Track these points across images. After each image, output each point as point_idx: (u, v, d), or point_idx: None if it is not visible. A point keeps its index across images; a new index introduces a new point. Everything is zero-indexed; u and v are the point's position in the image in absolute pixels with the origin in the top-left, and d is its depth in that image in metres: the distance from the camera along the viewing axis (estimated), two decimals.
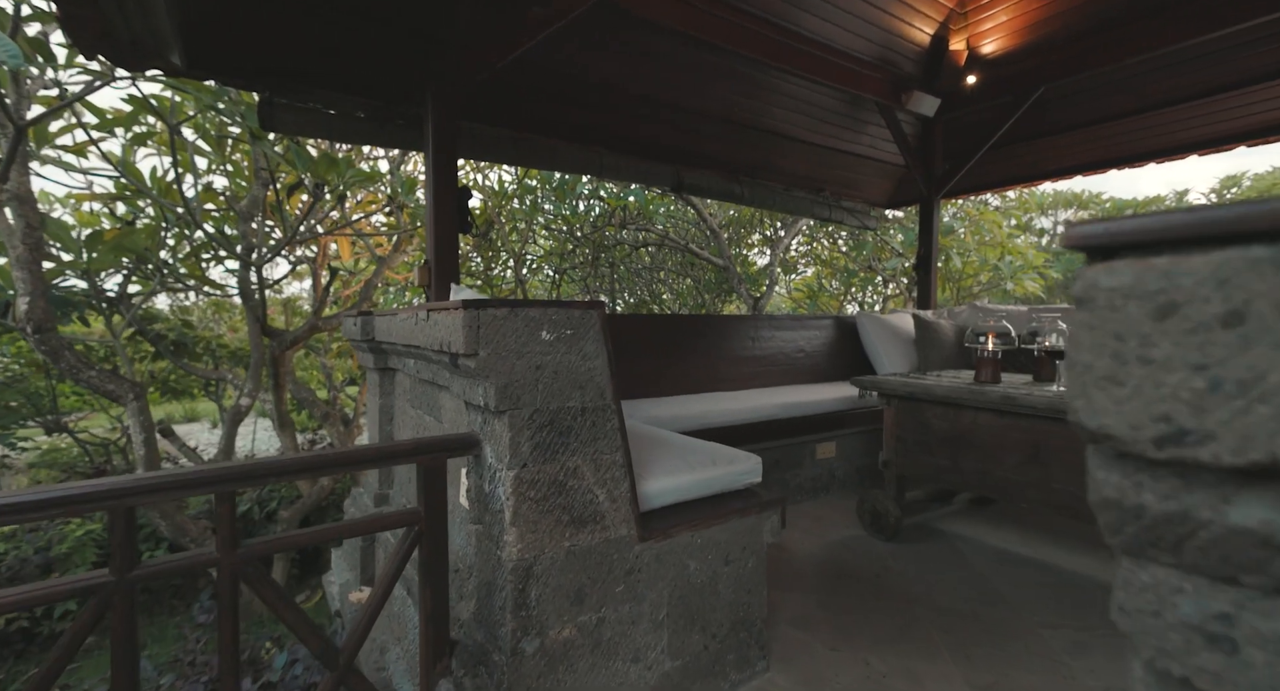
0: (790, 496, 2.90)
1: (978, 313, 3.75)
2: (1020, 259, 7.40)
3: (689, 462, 1.50)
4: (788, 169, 4.46)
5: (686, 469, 1.47)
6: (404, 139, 2.69)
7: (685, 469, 1.47)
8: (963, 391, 2.11)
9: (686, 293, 7.74)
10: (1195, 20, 3.11)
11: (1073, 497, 1.88)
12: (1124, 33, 3.38)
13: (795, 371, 3.65)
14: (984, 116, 4.16)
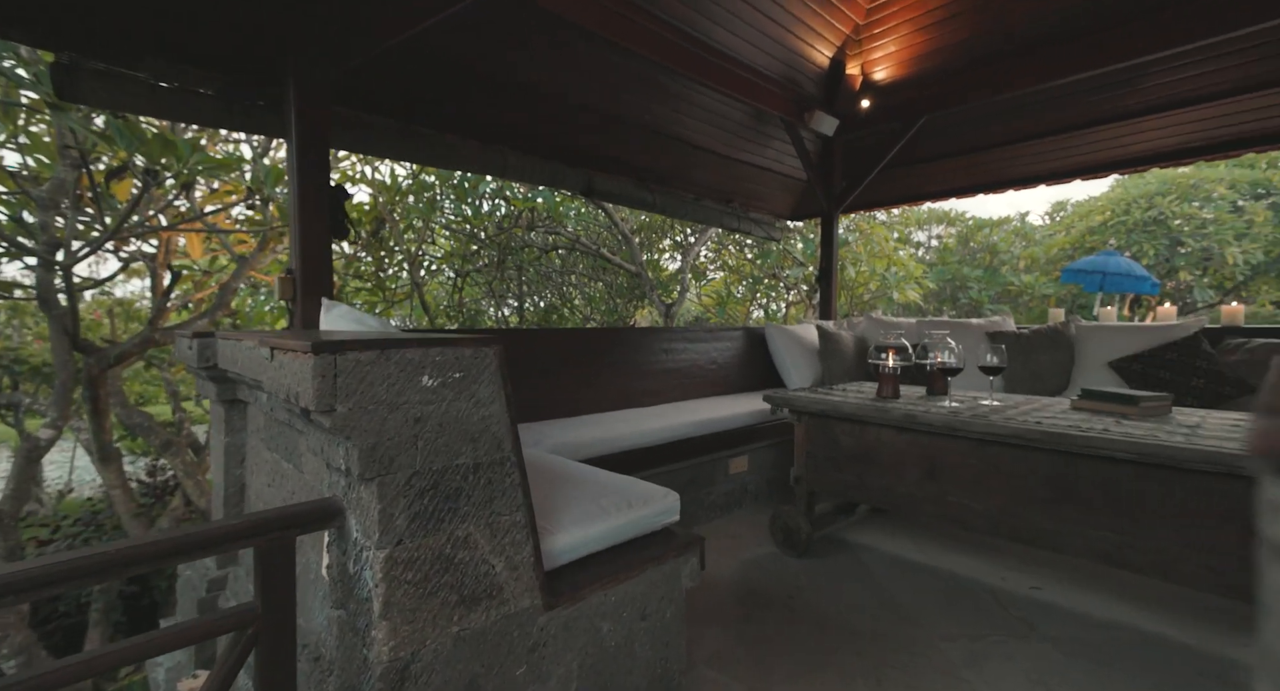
0: (704, 514, 2.84)
1: (874, 324, 3.93)
2: (903, 270, 8.00)
3: (602, 506, 1.36)
4: (699, 179, 4.45)
5: (599, 514, 1.33)
6: (262, 124, 2.30)
7: (598, 514, 1.33)
8: (868, 409, 2.15)
9: (598, 297, 7.60)
10: (1050, 67, 3.44)
11: (964, 510, 1.96)
12: (991, 72, 3.67)
13: (708, 383, 3.63)
14: (877, 139, 4.39)
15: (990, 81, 3.68)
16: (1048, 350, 3.21)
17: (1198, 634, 1.80)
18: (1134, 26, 3.14)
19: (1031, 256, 12.10)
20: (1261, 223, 10.41)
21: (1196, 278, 10.84)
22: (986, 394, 2.44)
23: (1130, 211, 11.25)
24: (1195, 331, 2.83)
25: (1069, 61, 3.37)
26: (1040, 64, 3.47)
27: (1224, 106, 3.46)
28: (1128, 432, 1.62)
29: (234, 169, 2.89)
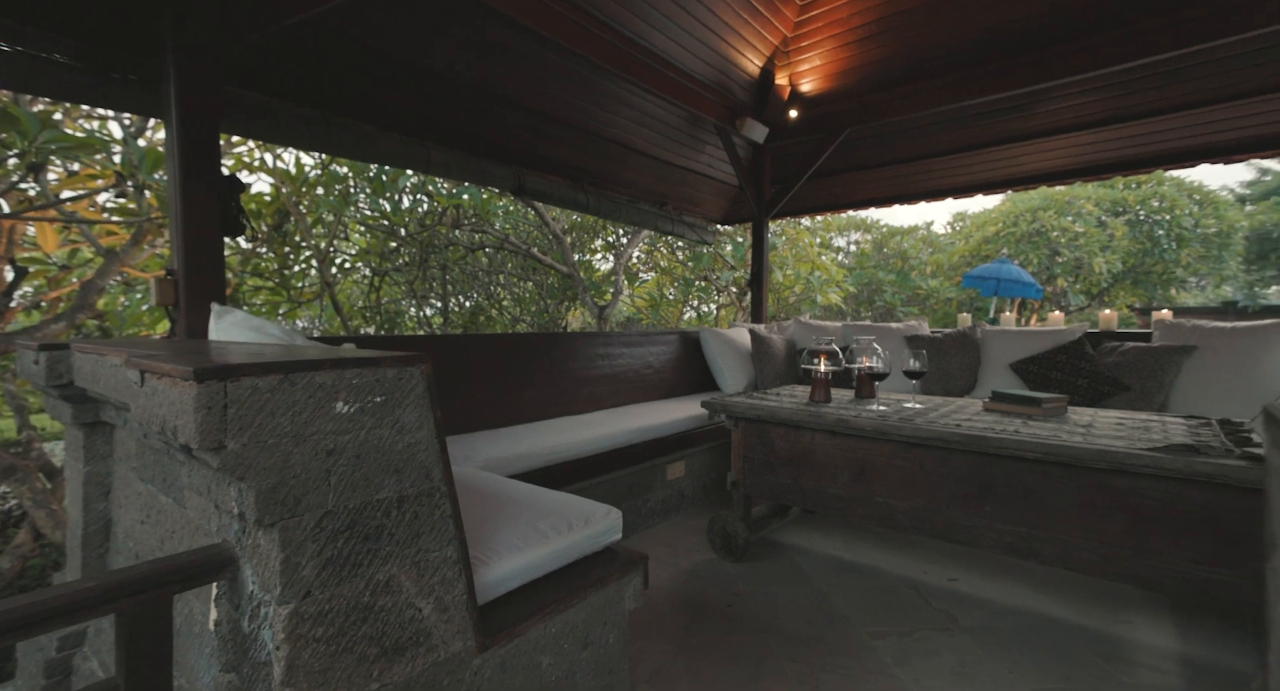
0: (642, 522, 2.80)
1: (803, 328, 4.05)
2: (826, 274, 8.37)
3: (540, 529, 1.28)
4: (633, 181, 4.42)
5: (538, 539, 1.25)
6: (135, 101, 2.01)
7: (536, 538, 1.25)
8: (803, 414, 2.18)
9: (528, 298, 7.40)
10: (957, 90, 3.68)
11: (891, 509, 2.03)
12: (906, 91, 3.89)
13: (645, 388, 3.60)
14: (804, 149, 4.54)
15: (905, 100, 3.90)
16: (957, 353, 3.44)
17: (1090, 614, 1.96)
18: (1028, 58, 3.42)
19: (937, 263, 13.05)
20: (1120, 237, 11.76)
21: (1070, 284, 12.09)
22: (909, 396, 2.56)
23: (1018, 224, 12.38)
24: (1080, 336, 3.12)
25: (974, 85, 3.62)
26: (949, 86, 3.71)
27: (1098, 134, 3.84)
28: (1034, 433, 1.73)
29: (99, 150, 2.52)
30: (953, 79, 3.70)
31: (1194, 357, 2.75)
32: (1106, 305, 12.95)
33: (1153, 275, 12.12)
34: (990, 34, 3.51)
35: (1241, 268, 13.91)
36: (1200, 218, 11.92)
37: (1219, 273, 12.86)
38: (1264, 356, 2.57)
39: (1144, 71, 3.38)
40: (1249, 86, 3.23)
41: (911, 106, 3.88)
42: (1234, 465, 1.36)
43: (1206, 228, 11.97)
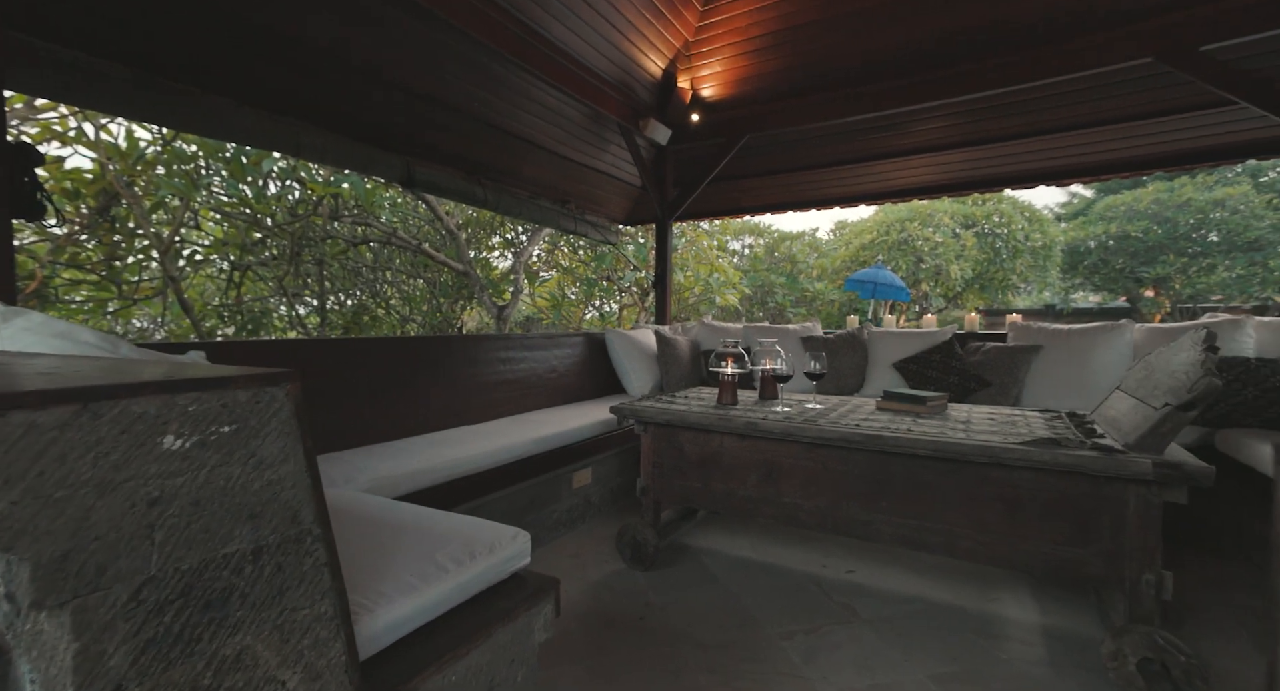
0: (546, 534, 2.67)
1: (707, 330, 4.12)
2: (724, 276, 8.66)
3: (437, 562, 1.13)
4: (534, 177, 4.25)
5: (435, 573, 1.10)
6: None
7: (433, 573, 1.10)
8: (712, 417, 2.18)
9: (419, 297, 6.92)
10: (842, 105, 3.93)
11: (797, 508, 2.09)
12: (799, 104, 4.09)
13: (549, 393, 3.46)
14: (706, 153, 4.62)
15: (799, 111, 4.09)
16: (848, 353, 3.66)
17: (966, 595, 2.14)
18: (901, 82, 3.72)
19: (822, 267, 14.04)
20: (970, 247, 13.32)
21: (932, 288, 13.51)
22: (810, 396, 2.66)
23: (889, 233, 13.62)
24: (950, 337, 3.44)
25: (857, 103, 3.88)
26: (837, 102, 3.94)
27: (957, 155, 4.27)
28: (924, 431, 1.85)
29: None
30: (840, 95, 3.93)
31: (1041, 356, 3.12)
32: (960, 307, 14.69)
33: (995, 281, 13.84)
34: (871, 58, 3.78)
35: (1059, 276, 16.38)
36: (1030, 232, 13.77)
37: (1043, 280, 14.99)
38: (1095, 354, 2.98)
39: (995, 101, 3.80)
40: (1078, 120, 3.74)
41: (804, 118, 4.08)
42: (1089, 456, 1.52)
43: (1034, 241, 13.85)
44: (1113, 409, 1.90)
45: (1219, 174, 15.14)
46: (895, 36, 3.65)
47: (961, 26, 3.47)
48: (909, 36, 3.62)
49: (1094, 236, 16.00)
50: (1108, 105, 3.59)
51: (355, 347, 2.51)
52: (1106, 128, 3.66)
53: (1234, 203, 14.37)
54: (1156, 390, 1.65)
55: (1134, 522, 1.52)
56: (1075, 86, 3.56)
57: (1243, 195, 14.43)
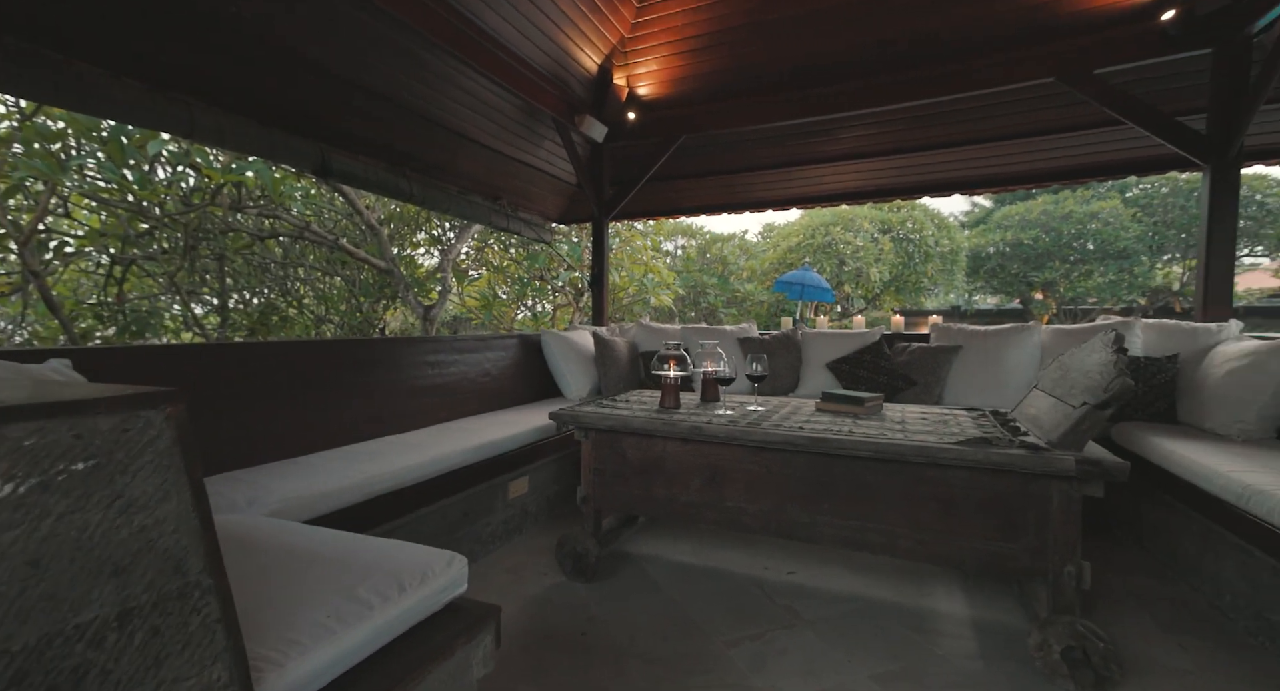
0: (481, 549, 2.53)
1: (645, 331, 4.07)
2: (659, 277, 8.69)
3: (361, 598, 1.00)
4: (465, 171, 4.04)
5: (358, 611, 0.97)
6: None
7: (356, 611, 0.97)
8: (656, 422, 2.13)
9: (336, 296, 6.46)
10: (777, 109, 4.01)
11: (740, 512, 2.07)
12: (734, 106, 4.13)
13: (482, 397, 3.28)
14: (643, 152, 4.58)
15: (734, 113, 4.14)
16: (783, 353, 3.72)
17: (901, 592, 2.20)
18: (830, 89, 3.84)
19: (751, 268, 14.43)
20: (888, 252, 14.14)
21: (853, 289, 14.21)
22: (751, 397, 2.67)
23: (814, 236, 14.20)
24: (879, 339, 3.58)
25: (790, 107, 3.96)
26: (772, 106, 4.01)
27: (884, 162, 4.47)
28: (866, 432, 1.88)
29: None
30: (774, 99, 4.01)
31: (960, 355, 3.30)
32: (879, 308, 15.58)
33: (909, 284, 14.74)
34: (804, 64, 3.87)
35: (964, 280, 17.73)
36: (939, 239, 14.76)
37: (950, 283, 16.14)
38: (1008, 354, 3.18)
39: (917, 112, 4.00)
40: (991, 134, 4.00)
41: (739, 120, 4.13)
42: (1018, 454, 1.59)
43: (943, 247, 14.86)
44: (1033, 407, 2.01)
45: (1094, 189, 16.91)
46: (826, 45, 3.75)
47: (886, 38, 3.61)
48: (838, 46, 3.73)
49: (993, 243, 17.44)
50: (1017, 120, 3.86)
51: (263, 352, 2.25)
52: (1016, 141, 3.95)
53: (1106, 215, 16.10)
54: (1074, 389, 1.75)
55: (1057, 517, 1.60)
56: (988, 102, 3.81)
57: (1113, 209, 16.21)
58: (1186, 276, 16.05)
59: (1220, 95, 3.02)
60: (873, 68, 3.74)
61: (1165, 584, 2.23)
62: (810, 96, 3.90)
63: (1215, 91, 3.04)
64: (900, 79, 3.65)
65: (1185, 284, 16.05)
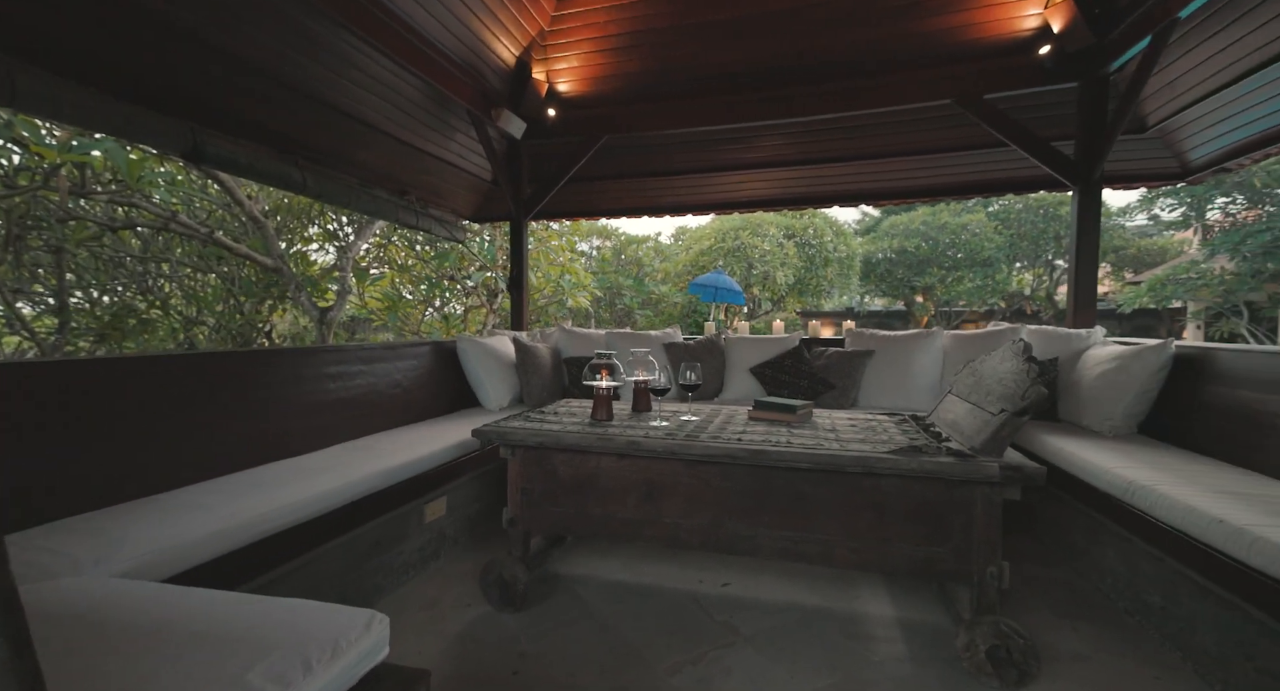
0: (392, 581, 2.28)
1: (568, 336, 3.93)
2: (576, 278, 8.53)
3: (251, 685, 0.81)
4: (368, 163, 3.69)
5: None
6: None
7: None
8: (591, 437, 2.01)
9: (211, 296, 5.70)
10: (699, 114, 4.02)
11: (678, 528, 2.01)
12: (657, 108, 4.10)
13: (392, 411, 2.99)
14: (564, 151, 4.43)
15: (656, 116, 4.10)
16: (708, 358, 3.73)
17: (832, 596, 2.24)
18: (749, 97, 3.91)
19: (666, 270, 14.62)
20: (792, 256, 14.87)
21: (761, 292, 14.82)
22: (682, 406, 2.62)
23: (725, 240, 14.64)
24: (799, 343, 3.68)
25: (711, 113, 3.99)
26: (694, 110, 4.01)
27: (798, 171, 4.63)
28: (804, 443, 1.88)
29: None
30: (696, 104, 4.01)
31: (873, 360, 3.47)
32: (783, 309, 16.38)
33: (810, 286, 15.60)
34: (726, 71, 3.91)
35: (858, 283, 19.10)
36: (837, 244, 15.74)
37: (846, 286, 17.29)
38: (915, 358, 3.38)
39: (831, 124, 4.18)
40: (896, 149, 4.25)
41: (662, 123, 4.10)
42: (948, 462, 1.64)
43: (840, 252, 15.86)
44: (950, 412, 2.12)
45: (963, 203, 18.86)
46: (746, 54, 3.81)
47: (803, 51, 3.73)
48: (758, 56, 3.80)
49: (881, 250, 18.94)
50: (918, 138, 4.13)
51: (112, 368, 1.87)
52: (917, 157, 4.22)
53: (974, 227, 18.03)
54: (989, 396, 1.85)
55: (981, 520, 1.68)
56: (893, 119, 4.05)
57: (979, 221, 18.19)
58: (1035, 282, 18.39)
59: (1084, 124, 3.39)
60: (789, 79, 3.84)
61: (1053, 569, 2.45)
62: (731, 103, 3.94)
63: (1080, 121, 3.41)
64: (815, 92, 3.78)
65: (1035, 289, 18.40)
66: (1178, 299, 13.49)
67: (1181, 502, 1.68)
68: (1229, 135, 3.56)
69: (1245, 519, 1.47)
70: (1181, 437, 2.48)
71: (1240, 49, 2.96)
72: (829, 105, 3.76)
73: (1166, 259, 16.97)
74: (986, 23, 3.41)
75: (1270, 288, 12.09)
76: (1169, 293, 13.15)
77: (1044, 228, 17.76)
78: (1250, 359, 2.26)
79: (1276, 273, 11.65)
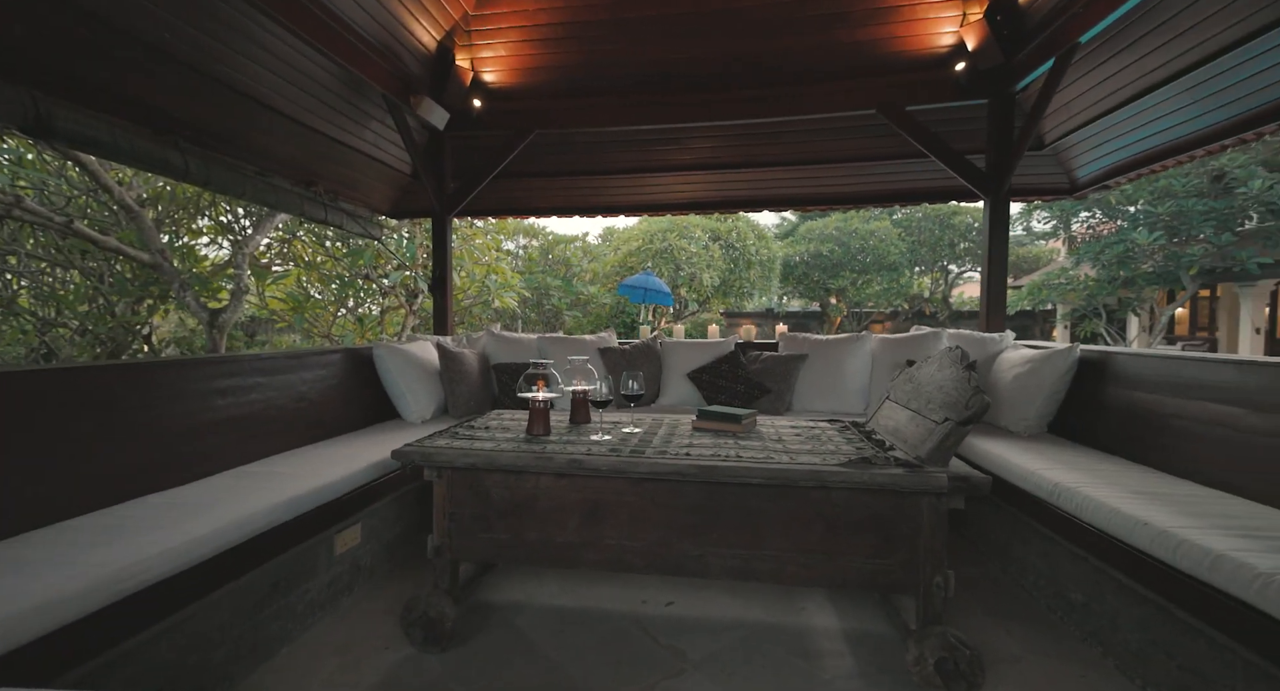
0: (295, 625, 2.00)
1: (498, 341, 3.70)
2: (502, 278, 8.20)
3: None
4: (268, 149, 3.29)
5: None
6: None
7: None
8: (528, 457, 1.84)
9: (74, 295, 4.94)
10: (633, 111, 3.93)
11: (623, 550, 1.89)
12: (589, 103, 3.96)
13: (298, 428, 2.65)
14: (491, 145, 4.19)
15: (588, 111, 3.95)
16: (644, 363, 3.64)
17: (777, 611, 2.19)
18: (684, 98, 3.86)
19: (594, 271, 14.46)
20: (717, 258, 15.16)
21: (688, 293, 14.99)
22: (623, 415, 2.50)
23: (653, 241, 14.69)
24: (734, 348, 3.66)
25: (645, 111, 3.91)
26: (627, 108, 3.91)
27: (729, 174, 4.63)
28: (754, 457, 1.81)
29: None
30: (630, 102, 3.91)
31: (806, 363, 3.51)
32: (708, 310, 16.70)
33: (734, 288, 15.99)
34: (660, 70, 3.83)
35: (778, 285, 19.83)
36: (759, 248, 16.22)
37: (767, 288, 17.88)
38: (846, 362, 3.45)
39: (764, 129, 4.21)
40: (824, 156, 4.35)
41: (595, 120, 3.96)
42: (899, 474, 1.63)
43: (762, 255, 16.35)
44: (890, 419, 2.13)
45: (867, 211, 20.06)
46: (680, 52, 3.75)
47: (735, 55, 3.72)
48: (691, 55, 3.76)
49: (799, 253, 19.80)
50: (844, 145, 4.25)
51: None
52: (843, 165, 4.34)
53: (881, 233, 19.25)
54: (930, 404, 1.87)
55: (927, 531, 1.68)
56: (821, 126, 4.14)
57: (885, 228, 19.45)
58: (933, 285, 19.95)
59: (994, 139, 3.60)
60: (723, 82, 3.82)
61: (981, 567, 2.55)
62: (665, 103, 3.87)
63: (990, 136, 3.62)
64: (747, 96, 3.79)
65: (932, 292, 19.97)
66: (1050, 302, 14.98)
67: (1106, 505, 1.76)
68: (1111, 156, 3.91)
69: (1168, 521, 1.55)
70: (1087, 436, 2.65)
71: (1123, 78, 3.24)
72: (761, 110, 3.78)
73: (1039, 266, 18.89)
74: (909, 37, 3.54)
75: (1122, 292, 13.81)
76: (1044, 296, 14.59)
77: (940, 235, 19.29)
78: (1143, 362, 2.45)
79: (1127, 279, 13.34)
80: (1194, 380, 2.15)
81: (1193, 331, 17.44)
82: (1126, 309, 14.61)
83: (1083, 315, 15.09)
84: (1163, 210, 12.81)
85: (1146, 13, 2.83)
